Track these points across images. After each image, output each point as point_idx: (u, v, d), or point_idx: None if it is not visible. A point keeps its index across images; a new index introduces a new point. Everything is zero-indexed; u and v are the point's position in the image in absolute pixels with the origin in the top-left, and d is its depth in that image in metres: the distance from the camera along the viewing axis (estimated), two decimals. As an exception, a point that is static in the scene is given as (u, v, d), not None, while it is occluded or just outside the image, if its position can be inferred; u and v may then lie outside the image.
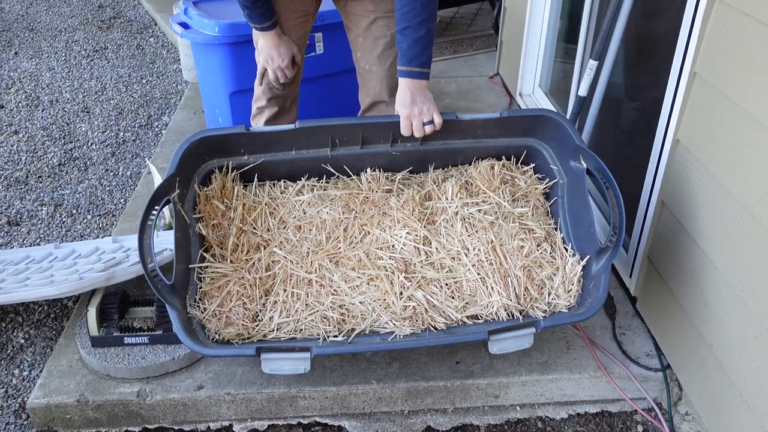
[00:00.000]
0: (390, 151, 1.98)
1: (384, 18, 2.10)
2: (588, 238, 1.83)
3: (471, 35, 4.75)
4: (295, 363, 1.61)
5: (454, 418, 1.86)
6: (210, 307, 1.75)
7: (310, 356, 1.61)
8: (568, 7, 3.06)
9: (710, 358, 1.64)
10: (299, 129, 1.90)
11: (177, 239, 1.76)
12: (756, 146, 1.43)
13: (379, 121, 1.95)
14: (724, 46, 1.53)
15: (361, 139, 1.96)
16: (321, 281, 1.81)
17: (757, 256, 1.44)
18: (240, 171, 1.99)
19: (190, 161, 1.88)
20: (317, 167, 2.02)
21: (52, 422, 1.81)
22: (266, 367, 1.61)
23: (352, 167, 2.03)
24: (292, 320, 1.74)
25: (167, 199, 1.76)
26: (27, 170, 3.21)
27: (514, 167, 2.06)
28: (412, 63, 1.79)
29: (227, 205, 1.94)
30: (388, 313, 1.74)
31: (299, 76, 2.32)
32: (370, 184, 2.01)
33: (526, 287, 1.79)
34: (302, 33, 2.23)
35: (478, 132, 1.99)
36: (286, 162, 2.00)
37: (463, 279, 1.81)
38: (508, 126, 1.98)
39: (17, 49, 4.74)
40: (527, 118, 1.98)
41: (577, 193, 1.90)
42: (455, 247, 1.87)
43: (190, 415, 1.82)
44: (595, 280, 1.74)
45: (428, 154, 2.02)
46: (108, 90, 4.08)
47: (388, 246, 1.87)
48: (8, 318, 2.25)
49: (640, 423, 1.87)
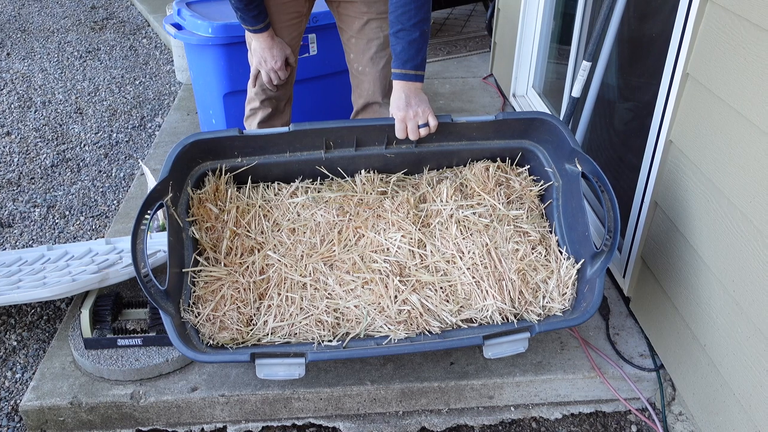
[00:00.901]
0: (384, 153, 1.97)
1: (377, 20, 2.11)
2: (582, 241, 1.83)
3: (465, 36, 4.76)
4: (290, 368, 1.61)
5: (448, 419, 1.86)
6: (204, 311, 1.74)
7: (305, 362, 1.61)
8: (561, 9, 3.07)
9: (703, 358, 1.65)
10: (293, 132, 1.89)
11: (170, 243, 1.76)
12: (748, 147, 1.44)
13: (374, 124, 1.93)
14: (717, 47, 1.54)
15: (356, 141, 1.95)
16: (315, 285, 1.81)
17: (750, 256, 1.45)
18: (233, 173, 1.98)
19: (183, 164, 1.87)
20: (311, 169, 2.01)
21: (45, 424, 1.80)
22: (261, 373, 1.61)
23: (347, 169, 2.02)
24: (287, 324, 1.74)
25: (160, 203, 1.76)
26: (19, 171, 3.20)
27: (509, 169, 2.05)
28: (406, 66, 1.78)
29: (221, 208, 1.92)
30: (383, 316, 1.74)
31: (293, 77, 2.32)
32: (364, 186, 1.99)
33: (520, 291, 1.80)
34: (296, 34, 2.22)
35: (473, 134, 1.99)
36: (280, 164, 1.99)
37: (458, 282, 1.81)
38: (503, 128, 1.98)
39: (9, 50, 4.72)
40: (522, 121, 1.96)
41: (572, 196, 1.90)
42: (450, 250, 1.87)
43: (184, 417, 1.82)
44: (589, 284, 1.74)
45: (423, 156, 2.02)
46: (101, 91, 4.07)
47: (382, 249, 1.87)
48: (1, 320, 2.24)
49: (634, 423, 1.88)
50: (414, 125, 1.81)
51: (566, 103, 2.27)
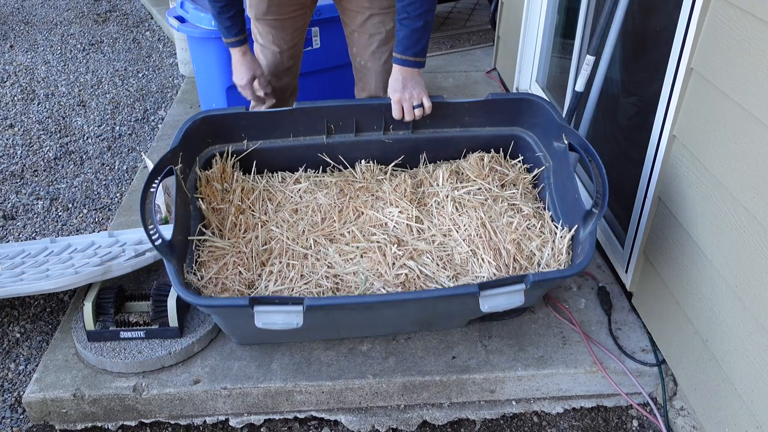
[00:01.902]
0: (383, 138, 2.05)
1: (379, 15, 2.11)
2: (574, 206, 1.87)
3: (468, 30, 4.75)
4: (288, 316, 1.57)
5: (450, 413, 1.87)
6: (207, 275, 1.78)
7: (303, 309, 1.56)
8: (565, 2, 3.05)
9: (705, 353, 1.65)
10: (296, 111, 1.99)
11: (177, 211, 1.78)
12: (752, 143, 1.44)
13: (372, 103, 2.04)
14: (721, 42, 1.53)
15: (355, 123, 2.03)
16: (316, 255, 1.87)
17: (753, 251, 1.45)
18: (239, 158, 2.06)
19: (192, 140, 1.94)
20: (314, 156, 2.09)
21: (48, 416, 1.81)
22: (259, 321, 1.57)
23: (347, 156, 2.10)
24: (287, 288, 1.79)
25: (170, 167, 1.80)
26: (22, 164, 3.20)
27: (503, 160, 2.13)
28: (407, 52, 1.88)
29: (226, 189, 2.02)
30: (381, 281, 1.78)
31: (297, 69, 2.33)
32: (364, 174, 2.10)
33: (515, 258, 1.85)
34: (299, 26, 2.23)
35: (466, 119, 2.04)
36: (284, 150, 2.06)
37: (455, 252, 1.87)
38: (494, 111, 2.05)
39: (12, 42, 4.72)
40: (511, 102, 2.05)
41: (561, 170, 1.97)
42: (446, 225, 1.94)
43: (187, 410, 1.83)
44: (582, 245, 1.77)
45: (419, 143, 2.09)
46: (104, 84, 4.07)
47: (381, 224, 1.95)
48: (4, 312, 2.25)
49: (636, 418, 1.88)
50: (409, 106, 1.92)
51: (570, 98, 2.27)
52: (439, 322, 1.90)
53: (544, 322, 2.00)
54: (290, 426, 1.86)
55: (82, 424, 1.82)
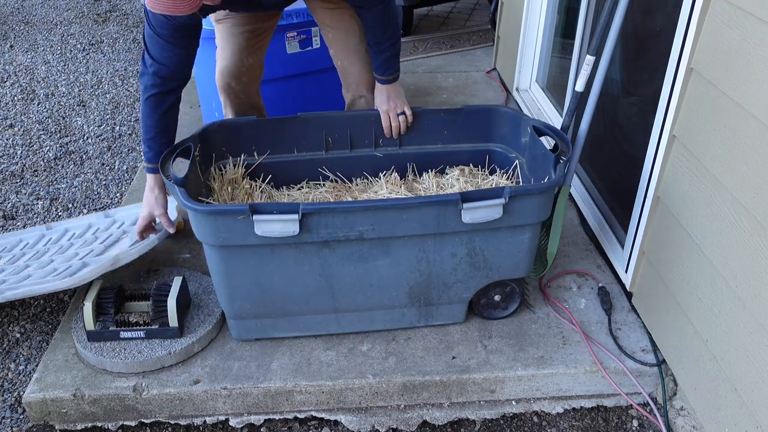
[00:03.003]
0: (375, 153, 2.25)
1: (350, 9, 2.19)
2: (543, 162, 1.96)
3: (468, 30, 4.75)
4: (285, 225, 1.66)
5: (450, 413, 1.87)
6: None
7: (298, 217, 1.64)
8: (565, 2, 3.06)
9: (705, 353, 1.65)
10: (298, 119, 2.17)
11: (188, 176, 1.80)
12: (752, 143, 1.44)
13: (363, 114, 2.25)
14: (721, 42, 1.53)
15: (350, 137, 2.22)
16: None
17: (752, 251, 1.45)
18: (247, 170, 2.19)
19: (210, 141, 2.08)
20: (314, 170, 2.25)
21: (48, 416, 1.81)
22: (258, 230, 1.65)
23: (344, 171, 2.27)
24: None
25: (189, 144, 1.94)
26: (22, 164, 3.20)
27: (480, 175, 2.26)
28: (385, 74, 2.18)
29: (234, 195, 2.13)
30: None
31: (259, 78, 2.43)
32: (358, 186, 2.25)
33: None
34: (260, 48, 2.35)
35: (444, 132, 2.24)
36: (287, 164, 2.22)
37: None
38: (469, 123, 2.23)
39: (12, 42, 4.72)
40: (482, 112, 2.24)
41: (534, 157, 2.07)
42: None
43: (187, 410, 1.83)
44: None
45: (406, 158, 2.28)
46: (104, 84, 4.07)
47: None
48: (4, 312, 2.25)
49: (636, 418, 1.88)
50: (395, 115, 2.18)
51: (570, 98, 2.27)
52: (436, 294, 1.89)
53: (544, 322, 2.00)
54: (290, 426, 1.86)
55: (82, 424, 1.82)
